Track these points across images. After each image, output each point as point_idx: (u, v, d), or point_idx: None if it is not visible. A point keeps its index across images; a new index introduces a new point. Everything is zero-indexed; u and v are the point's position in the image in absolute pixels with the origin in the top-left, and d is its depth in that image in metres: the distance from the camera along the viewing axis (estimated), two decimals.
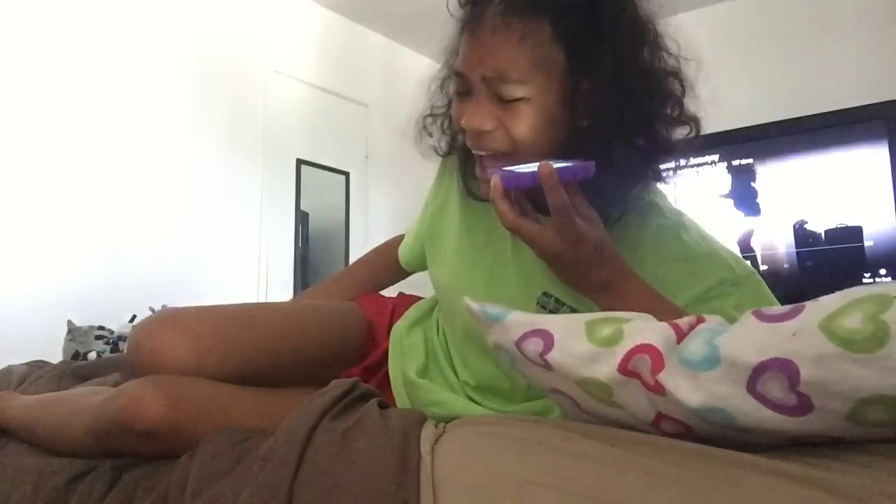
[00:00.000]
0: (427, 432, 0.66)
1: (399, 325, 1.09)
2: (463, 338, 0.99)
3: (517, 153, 0.80)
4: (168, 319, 0.88)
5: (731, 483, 0.49)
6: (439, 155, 1.00)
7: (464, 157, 0.94)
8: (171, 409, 0.77)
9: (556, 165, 0.70)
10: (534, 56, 0.77)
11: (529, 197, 0.77)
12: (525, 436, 0.61)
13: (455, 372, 1.01)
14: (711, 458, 0.52)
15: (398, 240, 1.21)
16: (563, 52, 0.78)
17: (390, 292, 1.23)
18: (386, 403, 0.79)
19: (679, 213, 0.90)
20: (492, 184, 0.73)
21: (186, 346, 0.85)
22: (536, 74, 0.78)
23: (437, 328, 1.07)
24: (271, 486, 0.62)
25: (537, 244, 0.73)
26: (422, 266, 1.12)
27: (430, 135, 0.99)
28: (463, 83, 0.82)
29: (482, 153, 0.82)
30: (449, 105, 0.95)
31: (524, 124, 0.79)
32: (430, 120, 0.98)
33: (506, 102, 0.79)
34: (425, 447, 0.63)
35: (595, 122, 0.79)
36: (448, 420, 0.72)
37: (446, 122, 0.96)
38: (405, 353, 1.04)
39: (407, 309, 1.13)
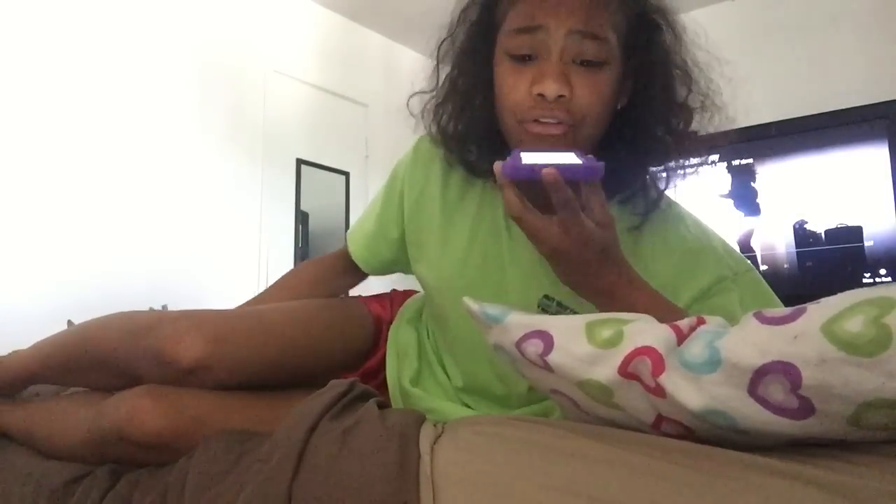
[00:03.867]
0: (426, 432, 0.66)
1: (394, 329, 1.06)
2: (454, 340, 0.95)
3: (578, 128, 0.75)
4: (188, 320, 0.84)
5: (732, 483, 0.49)
6: (447, 141, 0.90)
7: (483, 138, 0.85)
8: (170, 421, 0.76)
9: (563, 161, 0.66)
10: (613, 20, 0.75)
11: (537, 193, 0.70)
12: (525, 436, 0.61)
13: (448, 376, 0.98)
14: (712, 457, 0.52)
15: (337, 253, 1.13)
16: (626, 23, 0.76)
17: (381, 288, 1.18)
18: (385, 403, 0.79)
19: (672, 203, 0.88)
20: (497, 169, 0.66)
21: (204, 349, 0.81)
22: (615, 39, 0.75)
23: (428, 331, 1.04)
24: (271, 486, 0.62)
25: (541, 238, 0.67)
26: (384, 268, 1.05)
27: (441, 119, 0.89)
28: (531, 43, 0.75)
29: (552, 121, 0.75)
30: (472, 79, 0.85)
31: (598, 93, 0.74)
32: (443, 99, 0.89)
33: (583, 66, 0.74)
34: (424, 447, 0.63)
35: (630, 105, 0.79)
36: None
37: (467, 99, 0.86)
38: (401, 358, 1.02)
39: (402, 304, 1.11)
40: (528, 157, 0.67)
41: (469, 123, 0.86)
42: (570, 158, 0.67)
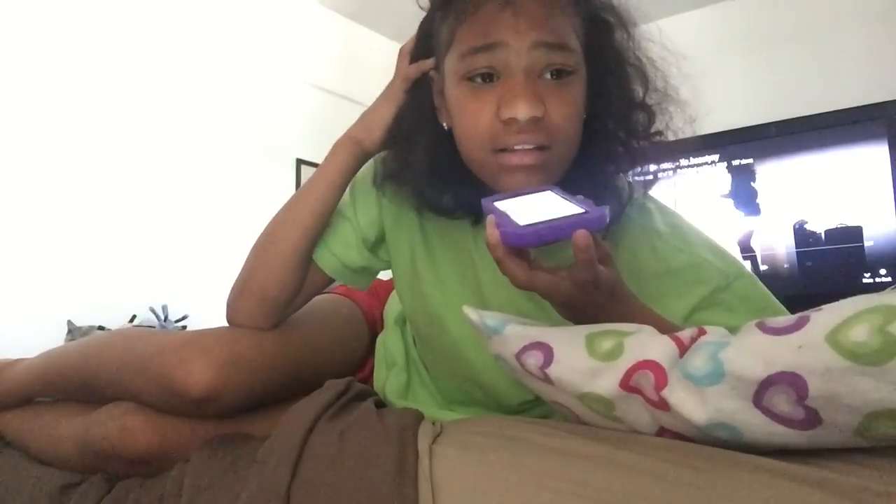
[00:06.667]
0: (424, 431, 0.66)
1: (381, 336, 1.03)
2: (439, 368, 0.92)
3: (554, 150, 0.68)
4: (194, 345, 0.78)
5: (731, 483, 0.49)
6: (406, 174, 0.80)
7: (448, 171, 0.76)
8: (161, 437, 0.75)
9: (565, 214, 0.58)
10: (574, 23, 0.70)
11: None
12: (523, 436, 0.61)
13: (438, 391, 0.95)
14: (712, 458, 0.52)
15: None
16: (584, 32, 0.72)
17: None
18: (382, 403, 0.78)
19: (648, 215, 0.80)
20: (491, 241, 0.58)
21: (214, 375, 0.76)
22: (578, 45, 0.69)
23: (414, 338, 0.99)
24: (269, 487, 0.61)
25: (553, 295, 0.62)
26: (350, 279, 0.94)
27: (389, 164, 0.82)
28: (490, 62, 0.67)
29: (527, 147, 0.67)
30: (417, 105, 0.79)
31: (571, 106, 0.68)
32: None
33: (554, 80, 0.67)
34: (423, 446, 0.62)
35: (590, 115, 0.74)
36: None
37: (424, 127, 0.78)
38: (389, 367, 0.98)
39: (388, 294, 1.07)
40: (511, 209, 0.60)
41: (420, 163, 0.77)
42: (557, 203, 0.60)
